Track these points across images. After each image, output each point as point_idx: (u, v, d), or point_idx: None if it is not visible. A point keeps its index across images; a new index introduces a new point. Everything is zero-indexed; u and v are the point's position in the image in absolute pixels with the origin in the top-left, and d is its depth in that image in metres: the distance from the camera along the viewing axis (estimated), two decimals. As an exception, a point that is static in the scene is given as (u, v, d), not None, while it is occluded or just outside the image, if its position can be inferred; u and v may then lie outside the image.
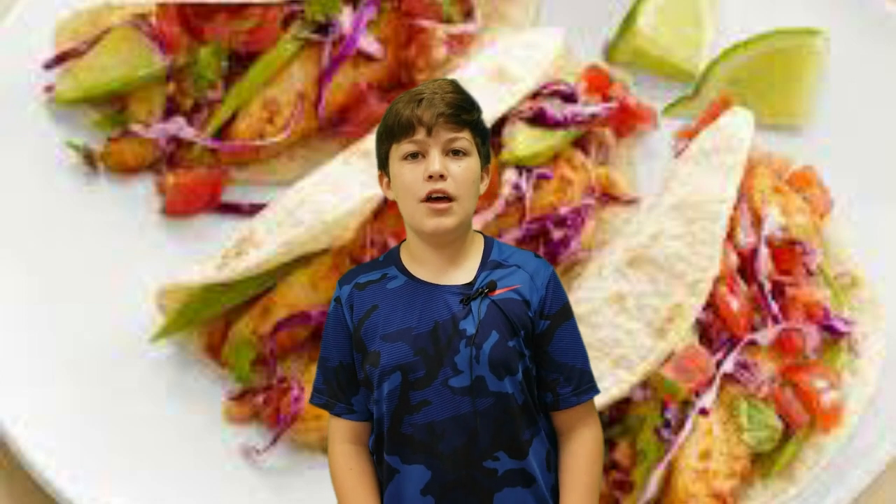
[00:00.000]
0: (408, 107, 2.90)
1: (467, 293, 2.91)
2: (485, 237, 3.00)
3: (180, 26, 4.27)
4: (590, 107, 4.21)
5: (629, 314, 3.82)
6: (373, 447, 2.97)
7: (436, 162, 2.87)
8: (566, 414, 2.97)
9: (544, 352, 2.95)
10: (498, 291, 2.92)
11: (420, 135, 2.88)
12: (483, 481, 2.89)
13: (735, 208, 3.94)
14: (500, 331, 2.89)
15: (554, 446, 2.98)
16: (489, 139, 2.98)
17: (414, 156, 2.89)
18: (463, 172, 2.89)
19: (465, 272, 2.94)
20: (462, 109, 2.91)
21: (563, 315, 2.96)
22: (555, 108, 4.16)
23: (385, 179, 2.97)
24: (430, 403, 2.88)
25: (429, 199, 2.87)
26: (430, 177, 2.87)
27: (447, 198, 2.88)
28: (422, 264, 2.94)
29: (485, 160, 2.95)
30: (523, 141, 4.10)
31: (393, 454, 2.90)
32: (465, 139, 2.90)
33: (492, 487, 2.89)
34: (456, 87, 2.94)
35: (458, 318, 2.89)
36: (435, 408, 2.88)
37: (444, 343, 2.88)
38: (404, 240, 3.00)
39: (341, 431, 2.99)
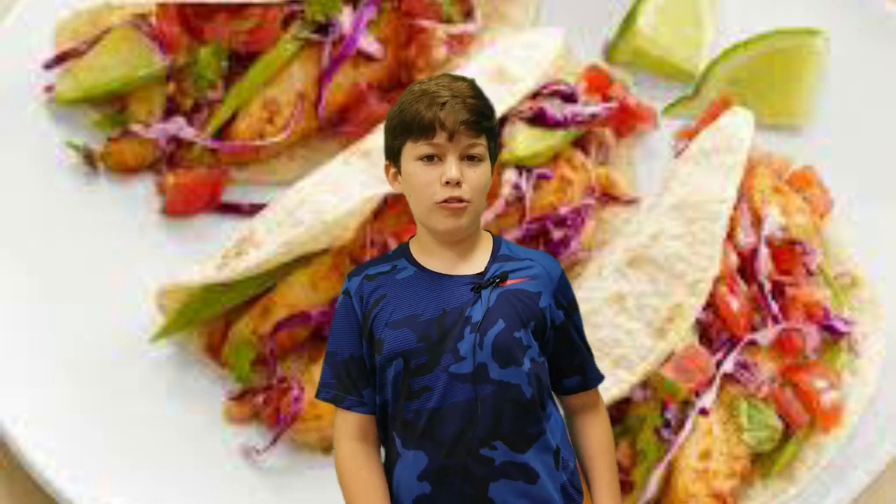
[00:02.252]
0: (430, 109, 2.91)
1: (478, 282, 2.94)
2: (493, 235, 3.04)
3: (180, 26, 4.27)
4: (590, 107, 4.21)
5: (629, 314, 3.82)
6: (381, 432, 3.00)
7: (453, 168, 2.90)
8: (589, 394, 3.08)
9: (568, 338, 3.02)
10: (510, 282, 2.95)
11: (440, 139, 2.90)
12: (478, 469, 2.89)
13: (735, 208, 3.94)
14: (507, 320, 2.92)
15: (564, 445, 3.00)
16: (497, 136, 3.01)
17: (430, 157, 2.91)
18: (478, 178, 2.93)
19: (475, 264, 2.98)
20: (483, 116, 2.94)
21: (575, 305, 3.06)
22: (555, 108, 4.17)
23: (392, 170, 2.99)
24: (430, 389, 2.90)
25: (444, 201, 2.91)
26: (447, 182, 2.90)
27: (461, 201, 2.91)
28: (431, 256, 2.98)
29: (493, 161, 2.99)
30: (523, 141, 4.10)
31: (398, 437, 2.93)
32: (481, 146, 2.94)
33: (488, 476, 2.90)
34: (477, 92, 2.96)
35: (465, 305, 2.92)
36: (435, 394, 2.90)
37: (448, 329, 2.90)
38: (412, 236, 3.02)
39: (349, 428, 2.99)
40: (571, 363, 3.04)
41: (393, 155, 2.98)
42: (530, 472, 2.92)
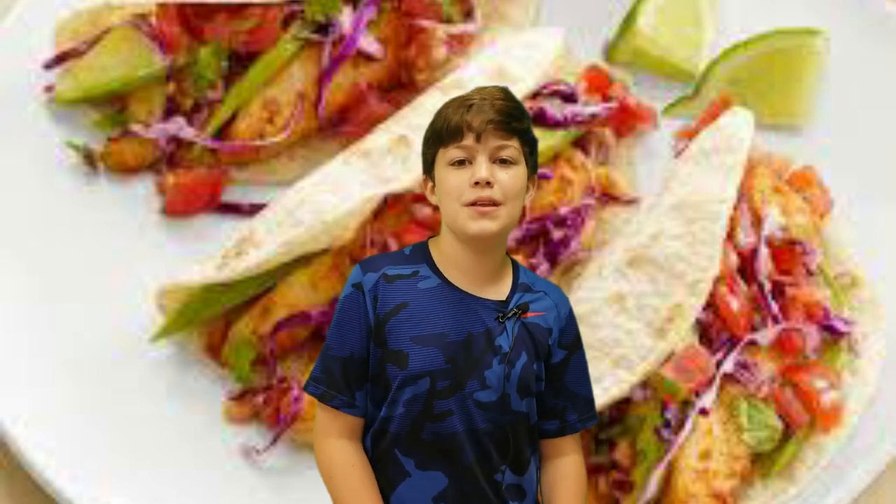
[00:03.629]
0: (457, 112, 2.88)
1: (502, 310, 2.91)
2: (510, 259, 3.00)
3: (180, 26, 4.27)
4: (590, 107, 4.21)
5: (629, 314, 3.82)
6: (373, 441, 2.92)
7: (483, 168, 2.86)
8: (563, 440, 3.00)
9: (559, 380, 2.97)
10: (530, 315, 2.93)
11: (468, 140, 2.87)
12: (492, 494, 2.90)
13: (735, 208, 3.94)
14: (528, 353, 2.91)
15: (537, 463, 3.00)
16: (537, 149, 2.96)
17: (461, 162, 2.87)
18: (510, 180, 2.88)
19: (497, 288, 2.94)
20: (512, 117, 2.89)
21: (578, 345, 3.00)
22: (555, 108, 4.17)
23: (430, 184, 2.95)
24: (453, 413, 2.87)
25: (474, 204, 2.86)
26: (477, 183, 2.85)
27: (493, 203, 2.86)
28: (456, 269, 2.92)
29: (532, 170, 2.94)
30: (523, 141, 4.09)
31: (409, 457, 2.88)
32: (513, 148, 2.89)
33: (497, 499, 2.90)
34: (507, 95, 2.92)
35: (493, 333, 2.88)
36: (458, 418, 2.87)
37: (476, 356, 2.87)
38: (431, 237, 2.98)
39: (337, 426, 2.92)
40: (555, 407, 2.98)
41: (428, 167, 2.94)
42: (523, 491, 2.94)
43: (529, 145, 2.93)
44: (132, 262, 4.15)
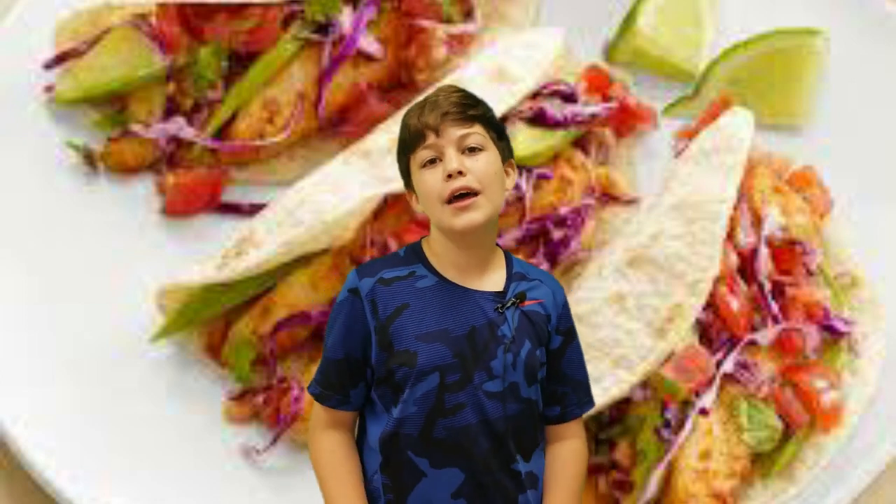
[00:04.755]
0: (414, 117, 2.92)
1: (501, 301, 2.93)
2: (502, 250, 3.02)
3: (180, 26, 4.27)
4: (590, 107, 4.21)
5: (629, 314, 3.82)
6: (383, 445, 2.93)
7: (452, 160, 2.88)
8: (566, 425, 3.03)
9: (557, 367, 3.01)
10: (527, 303, 2.96)
11: (431, 139, 2.89)
12: (510, 484, 2.92)
13: (735, 208, 3.94)
14: (531, 340, 2.93)
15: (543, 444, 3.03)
16: (506, 134, 2.98)
17: (432, 161, 2.90)
18: (482, 166, 2.90)
19: (493, 280, 2.96)
20: (466, 106, 2.92)
21: (573, 332, 3.03)
22: (555, 108, 4.17)
23: (413, 196, 2.97)
24: (464, 407, 2.89)
25: (452, 199, 2.88)
26: (449, 175, 2.87)
27: (471, 193, 2.88)
28: (451, 266, 2.95)
29: (505, 155, 2.96)
30: (523, 141, 4.10)
31: (422, 457, 2.90)
32: (477, 134, 2.91)
33: (517, 489, 2.93)
34: (460, 89, 2.95)
35: (495, 323, 2.91)
36: (469, 411, 2.89)
37: (480, 347, 2.89)
38: (423, 237, 3.00)
39: (328, 418, 2.98)
40: (555, 392, 3.01)
41: (406, 179, 2.97)
42: (535, 478, 2.97)
43: (495, 130, 2.95)
44: (132, 262, 4.15)
